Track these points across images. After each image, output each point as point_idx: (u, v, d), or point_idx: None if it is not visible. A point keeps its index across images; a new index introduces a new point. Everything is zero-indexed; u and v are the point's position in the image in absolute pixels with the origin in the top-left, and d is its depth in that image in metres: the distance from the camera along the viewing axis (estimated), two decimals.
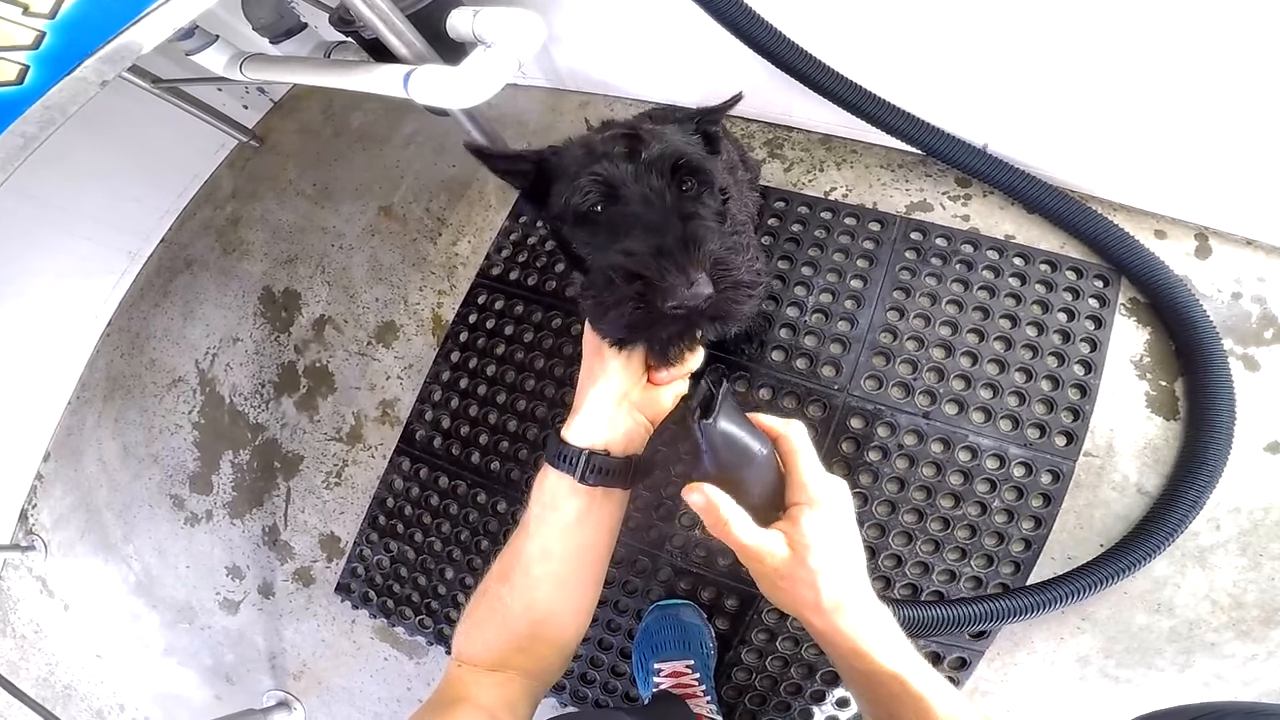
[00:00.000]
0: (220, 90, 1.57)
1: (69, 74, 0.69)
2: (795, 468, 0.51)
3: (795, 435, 0.52)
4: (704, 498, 0.50)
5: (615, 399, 0.56)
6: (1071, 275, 1.05)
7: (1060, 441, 0.98)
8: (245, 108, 1.66)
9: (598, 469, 0.54)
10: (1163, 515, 0.91)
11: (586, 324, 0.58)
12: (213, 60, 1.16)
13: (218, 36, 1.15)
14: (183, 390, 1.49)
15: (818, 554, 0.47)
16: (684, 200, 0.53)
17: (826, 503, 0.49)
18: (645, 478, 0.59)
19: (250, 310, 1.48)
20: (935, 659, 0.96)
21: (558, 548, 0.56)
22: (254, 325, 1.47)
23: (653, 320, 0.49)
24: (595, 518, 0.57)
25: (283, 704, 1.25)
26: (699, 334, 0.54)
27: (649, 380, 0.58)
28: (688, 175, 0.54)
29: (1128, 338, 1.02)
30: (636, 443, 0.58)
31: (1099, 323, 1.02)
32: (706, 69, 1.19)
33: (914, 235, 1.12)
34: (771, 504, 0.51)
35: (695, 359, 0.58)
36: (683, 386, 0.60)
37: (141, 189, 1.59)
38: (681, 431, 1.01)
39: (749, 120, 1.29)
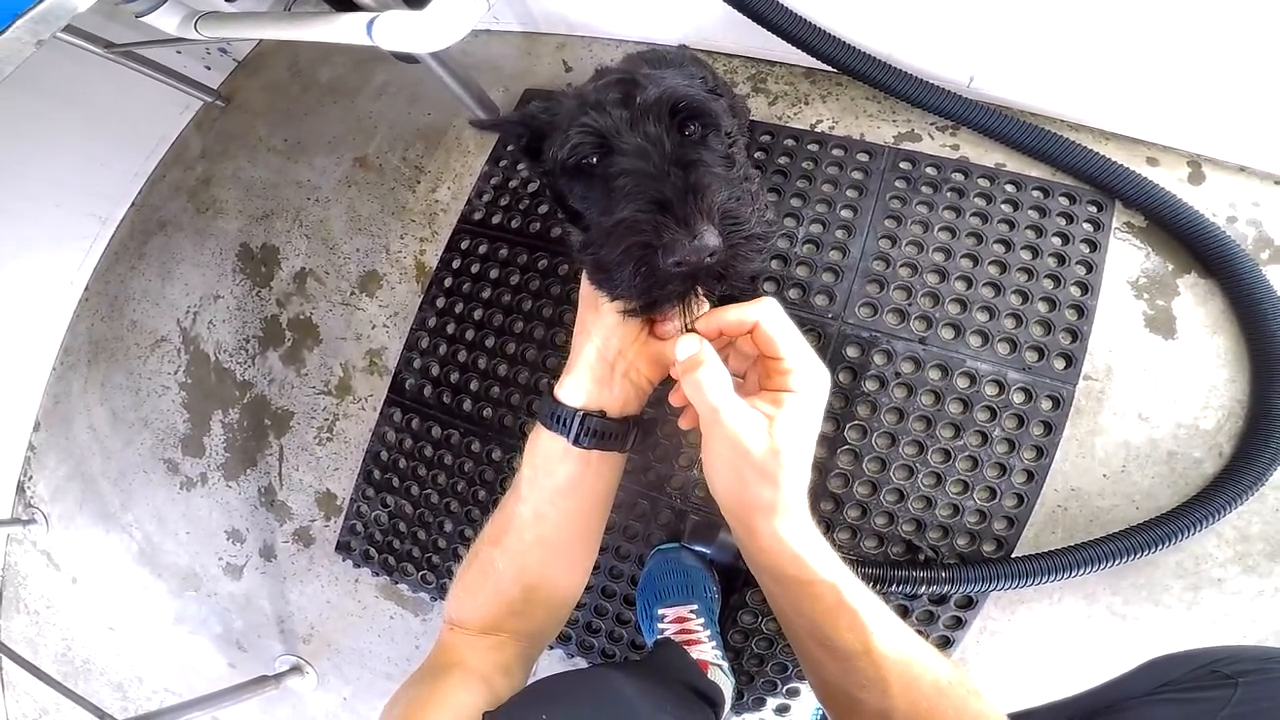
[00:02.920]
0: (179, 53, 1.35)
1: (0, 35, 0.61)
2: (780, 352, 0.40)
3: (770, 317, 0.40)
4: (699, 347, 0.40)
5: (610, 356, 0.47)
6: (1065, 201, 0.92)
7: (1059, 364, 0.87)
8: (208, 69, 1.44)
9: (593, 431, 0.46)
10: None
11: (583, 275, 0.47)
12: (164, 21, 0.97)
13: None
14: (167, 350, 1.31)
15: (791, 451, 0.39)
16: (686, 146, 0.44)
17: (813, 394, 0.40)
18: (645, 440, 0.50)
19: (229, 267, 1.30)
20: (941, 598, 0.85)
21: (551, 512, 0.47)
22: (233, 282, 1.29)
23: (655, 281, 0.40)
24: (590, 483, 0.47)
25: (295, 669, 1.12)
26: (703, 293, 0.43)
27: (650, 334, 0.48)
28: (690, 119, 0.45)
29: (1124, 260, 0.90)
30: (635, 403, 0.48)
31: (1094, 246, 0.90)
32: (687, 3, 1.02)
33: (903, 165, 0.98)
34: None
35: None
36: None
37: (108, 154, 1.38)
38: None
39: (731, 56, 1.11)
